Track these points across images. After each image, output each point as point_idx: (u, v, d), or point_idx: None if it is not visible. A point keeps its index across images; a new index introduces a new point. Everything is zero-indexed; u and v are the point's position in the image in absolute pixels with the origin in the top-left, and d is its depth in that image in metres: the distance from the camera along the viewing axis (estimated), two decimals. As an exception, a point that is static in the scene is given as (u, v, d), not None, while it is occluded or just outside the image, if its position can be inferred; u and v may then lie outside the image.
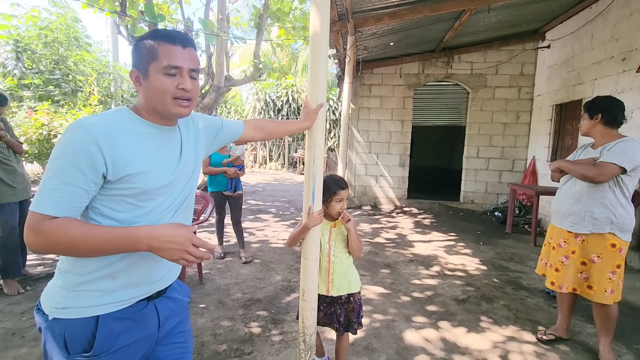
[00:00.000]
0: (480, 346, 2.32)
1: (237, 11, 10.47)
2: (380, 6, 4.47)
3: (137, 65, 0.94)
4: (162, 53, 0.90)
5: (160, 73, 0.91)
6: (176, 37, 0.93)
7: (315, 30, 1.50)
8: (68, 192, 0.82)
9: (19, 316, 2.53)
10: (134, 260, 0.94)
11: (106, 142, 0.84)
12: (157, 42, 0.91)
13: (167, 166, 0.97)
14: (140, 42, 0.93)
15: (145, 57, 0.92)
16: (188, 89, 0.93)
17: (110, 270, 0.92)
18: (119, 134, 0.88)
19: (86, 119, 0.87)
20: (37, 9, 9.86)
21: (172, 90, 0.92)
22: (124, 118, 0.93)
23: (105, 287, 0.92)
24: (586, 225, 2.06)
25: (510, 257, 4.19)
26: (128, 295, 0.95)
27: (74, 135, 0.83)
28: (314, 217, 1.54)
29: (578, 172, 2.06)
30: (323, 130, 1.59)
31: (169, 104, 0.93)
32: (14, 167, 2.94)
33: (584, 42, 4.94)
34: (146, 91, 0.93)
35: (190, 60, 0.94)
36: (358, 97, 6.99)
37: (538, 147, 6.16)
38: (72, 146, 0.82)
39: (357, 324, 1.82)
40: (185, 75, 0.93)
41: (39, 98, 9.06)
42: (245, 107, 17.00)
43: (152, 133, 0.96)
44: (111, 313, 0.92)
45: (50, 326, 0.90)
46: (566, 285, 2.15)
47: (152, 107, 0.95)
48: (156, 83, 0.91)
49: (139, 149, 0.91)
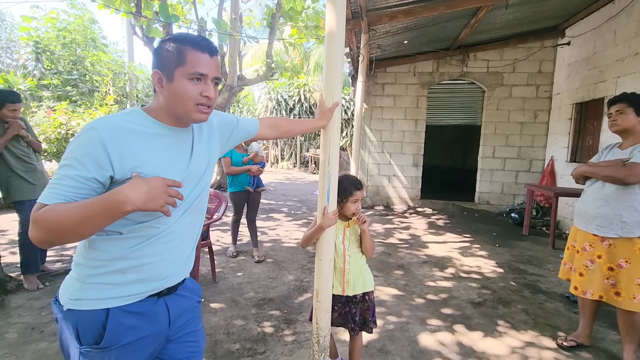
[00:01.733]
0: (498, 351, 2.26)
1: (249, 11, 10.52)
2: (395, 4, 4.41)
3: (161, 68, 0.94)
4: (189, 59, 0.92)
5: (186, 79, 0.92)
6: (205, 45, 0.94)
7: (331, 28, 1.48)
8: (70, 185, 0.83)
9: (39, 311, 2.59)
10: (143, 257, 0.95)
11: (114, 143, 0.86)
12: (186, 48, 0.92)
13: (176, 167, 0.98)
14: (166, 44, 0.93)
15: (171, 60, 0.92)
16: (212, 96, 0.95)
17: (121, 265, 0.93)
18: (129, 135, 0.90)
19: (97, 120, 0.89)
20: (56, 10, 10.11)
21: (195, 96, 0.93)
22: (136, 119, 0.94)
23: (115, 280, 0.93)
24: (614, 228, 1.98)
25: (528, 259, 4.09)
26: (138, 290, 0.96)
27: (83, 136, 0.86)
28: (329, 218, 1.53)
29: (605, 174, 1.98)
30: (338, 129, 1.57)
31: (191, 110, 0.94)
32: (34, 165, 3.01)
33: (606, 39, 4.77)
34: (169, 94, 0.94)
35: (215, 68, 0.96)
36: (371, 96, 6.93)
37: (557, 147, 5.99)
38: (80, 147, 0.85)
39: (373, 322, 1.82)
40: (209, 83, 0.95)
41: (57, 98, 9.28)
42: (257, 106, 17.10)
43: (163, 134, 0.97)
44: (121, 307, 0.94)
45: (65, 316, 0.94)
46: (591, 292, 2.07)
47: (173, 110, 0.96)
48: (181, 88, 0.92)
49: (148, 149, 0.92)
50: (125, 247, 0.93)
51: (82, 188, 0.84)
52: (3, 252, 3.69)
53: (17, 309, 2.62)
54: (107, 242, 0.92)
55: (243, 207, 3.91)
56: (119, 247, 0.93)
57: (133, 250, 0.93)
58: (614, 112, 2.05)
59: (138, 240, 0.94)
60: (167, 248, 0.99)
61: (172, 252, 1.01)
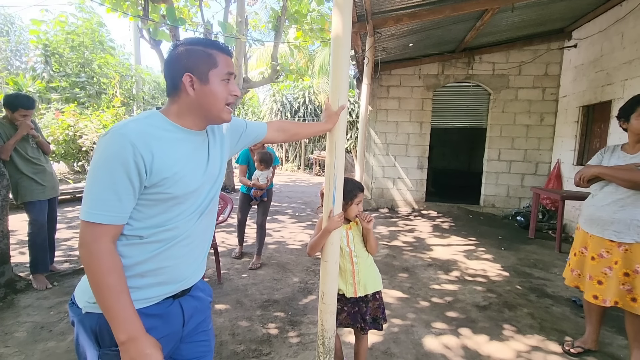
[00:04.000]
0: (503, 355, 2.25)
1: (255, 14, 10.58)
2: (400, 7, 4.42)
3: (192, 70, 0.96)
4: (221, 61, 0.98)
5: (220, 79, 0.98)
6: (227, 49, 1.03)
7: (337, 33, 1.49)
8: (120, 200, 0.86)
9: (47, 311, 2.62)
10: (162, 261, 0.97)
11: (145, 149, 0.88)
12: (214, 51, 0.98)
13: (197, 171, 1.00)
14: (191, 48, 0.97)
15: (204, 63, 0.96)
16: (239, 94, 1.04)
17: (140, 269, 0.95)
18: (156, 140, 0.91)
19: (124, 126, 0.89)
20: (65, 14, 10.27)
21: (227, 96, 1.00)
22: (158, 124, 0.95)
23: (134, 284, 0.94)
24: (631, 234, 1.94)
25: (534, 263, 4.06)
26: (156, 293, 0.98)
27: (116, 143, 0.86)
28: (335, 220, 1.54)
29: (626, 179, 1.92)
30: (344, 132, 1.58)
31: (222, 109, 1.01)
32: (43, 166, 3.06)
33: (613, 41, 4.74)
34: (203, 95, 0.97)
35: (234, 68, 1.06)
36: (376, 98, 6.93)
37: (563, 150, 5.95)
38: (116, 154, 0.85)
39: (383, 319, 1.85)
40: (233, 82, 1.03)
41: (65, 100, 9.42)
42: (262, 108, 17.16)
43: (184, 138, 0.99)
44: (140, 309, 0.94)
45: (82, 320, 0.94)
46: (609, 299, 2.02)
47: (204, 111, 1.00)
48: (217, 88, 0.98)
49: (173, 155, 0.94)
50: (145, 252, 0.94)
51: (128, 199, 0.88)
52: (13, 252, 3.73)
53: (27, 308, 2.65)
54: (127, 247, 0.93)
55: (247, 209, 3.92)
56: (139, 252, 0.94)
57: (153, 254, 0.95)
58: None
59: (158, 245, 0.95)
60: (185, 251, 1.01)
61: (190, 255, 1.03)
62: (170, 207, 0.95)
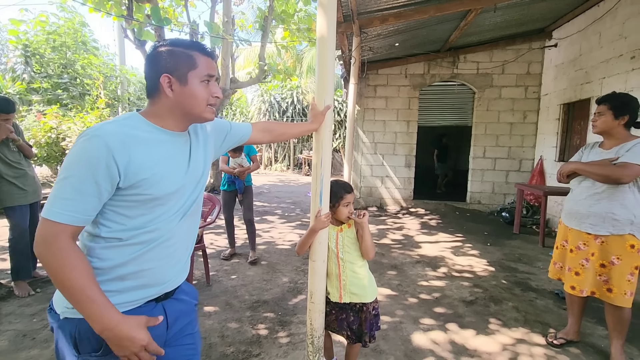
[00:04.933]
0: (490, 348, 2.30)
1: (242, 14, 10.51)
2: (386, 7, 4.46)
3: (171, 72, 0.95)
4: (201, 63, 0.98)
5: (199, 81, 0.98)
6: (209, 50, 1.02)
7: (322, 33, 1.50)
8: (83, 202, 0.84)
9: (30, 318, 2.56)
10: (143, 263, 0.95)
11: (121, 151, 0.86)
12: (195, 52, 0.98)
13: (177, 172, 0.99)
14: (171, 49, 0.96)
15: (183, 64, 0.96)
16: (220, 96, 1.04)
17: (120, 272, 0.93)
18: (133, 142, 0.90)
19: (101, 127, 0.87)
20: (46, 13, 10.01)
21: (208, 97, 1.00)
22: (137, 125, 0.94)
23: (115, 287, 0.93)
24: (606, 226, 2.01)
25: (518, 258, 4.15)
26: (137, 296, 0.96)
27: (90, 144, 0.84)
28: (321, 220, 1.54)
29: (600, 173, 1.99)
30: (330, 132, 1.59)
31: (204, 110, 1.00)
32: (24, 170, 2.98)
33: (591, 41, 4.88)
34: (183, 97, 0.97)
35: (216, 70, 1.06)
36: (363, 98, 6.98)
37: (545, 147, 6.10)
38: (87, 156, 0.84)
39: (370, 336, 1.72)
40: (215, 84, 1.02)
41: (47, 102, 9.18)
42: (250, 108, 17.06)
43: (164, 139, 0.98)
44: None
45: (61, 326, 0.93)
46: (586, 289, 2.10)
47: (185, 112, 1.00)
48: (196, 90, 0.98)
49: (152, 156, 0.92)
50: (125, 254, 0.93)
51: (93, 201, 0.86)
52: (-7, 258, 3.64)
53: (8, 316, 2.59)
54: (106, 250, 0.92)
55: (232, 207, 3.92)
56: (119, 254, 0.92)
57: (133, 256, 0.93)
58: (595, 114, 2.11)
59: (138, 247, 0.94)
60: (167, 253, 1.00)
61: (171, 257, 1.02)
62: (151, 208, 0.94)
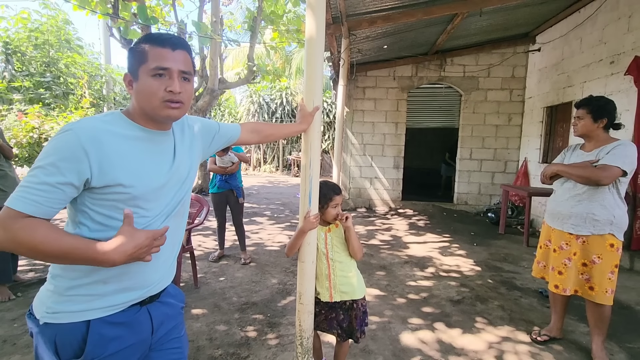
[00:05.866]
0: (476, 347, 2.34)
1: (230, 14, 10.47)
2: (374, 9, 4.50)
3: (129, 69, 0.94)
4: (151, 56, 0.90)
5: (149, 75, 0.90)
6: (165, 39, 0.92)
7: (310, 34, 1.51)
8: (45, 191, 0.81)
9: (10, 323, 2.49)
10: (126, 266, 0.92)
11: (93, 146, 0.84)
12: (147, 45, 0.91)
13: (157, 171, 0.96)
14: (134, 46, 0.94)
15: (136, 60, 0.92)
16: (176, 91, 0.92)
17: (102, 275, 0.91)
18: (108, 138, 0.88)
19: (76, 123, 0.86)
20: (27, 10, 9.75)
21: (160, 93, 0.91)
22: (116, 122, 0.93)
23: (96, 291, 0.91)
24: (587, 226, 2.06)
25: (504, 257, 4.23)
26: (120, 300, 0.94)
27: (61, 139, 0.83)
28: (310, 221, 1.54)
29: (581, 175, 2.04)
30: (319, 133, 1.60)
31: (158, 107, 0.92)
32: (4, 171, 2.91)
33: (573, 46, 5.03)
34: (136, 94, 0.93)
35: (182, 62, 0.93)
36: (352, 99, 7.02)
37: (530, 149, 6.24)
38: (57, 149, 0.82)
39: (360, 332, 1.76)
40: (174, 78, 0.92)
41: (29, 101, 8.93)
42: (239, 109, 16.96)
43: (143, 137, 0.95)
44: (103, 318, 0.91)
45: (41, 331, 0.90)
46: (569, 288, 2.15)
47: (143, 110, 0.94)
48: (145, 85, 0.91)
49: (127, 153, 0.90)
50: None
51: (56, 193, 0.82)
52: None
53: (-13, 321, 2.51)
54: None
55: (224, 210, 3.89)
56: None
57: None
58: (575, 118, 2.17)
59: None
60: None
61: (156, 259, 0.98)
62: (132, 208, 0.91)
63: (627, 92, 3.94)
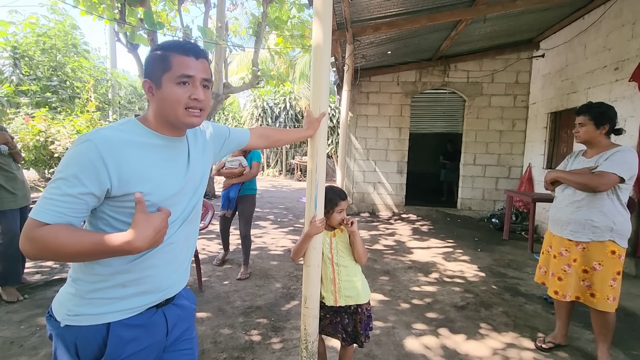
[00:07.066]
0: (480, 353, 2.33)
1: (235, 19, 10.56)
2: (379, 16, 4.54)
3: (149, 76, 0.95)
4: (175, 63, 0.92)
5: (173, 83, 0.92)
6: (189, 48, 0.94)
7: (317, 41, 1.53)
8: (68, 202, 0.82)
9: (17, 325, 2.51)
10: (144, 270, 0.96)
11: (112, 156, 0.85)
12: (170, 53, 0.93)
13: (174, 177, 0.98)
14: (153, 53, 0.95)
15: (158, 67, 0.93)
16: (200, 98, 0.94)
17: (122, 279, 0.93)
18: (127, 147, 0.89)
19: (94, 132, 0.88)
20: (36, 15, 9.91)
21: (184, 100, 0.93)
22: (132, 130, 0.94)
23: (116, 294, 0.93)
24: (586, 233, 2.06)
25: (508, 263, 4.22)
26: (139, 303, 0.96)
27: (81, 149, 0.85)
28: (316, 225, 1.56)
29: (578, 182, 2.05)
30: (325, 138, 1.62)
31: (181, 115, 0.94)
32: (14, 174, 2.94)
33: (577, 52, 5.04)
34: (159, 101, 0.94)
35: (203, 70, 0.95)
36: (356, 104, 7.05)
37: (534, 155, 6.23)
38: (77, 160, 0.84)
39: (365, 336, 1.77)
40: (197, 86, 0.94)
41: (36, 104, 9.05)
42: (242, 114, 17.05)
43: (160, 144, 0.97)
44: (122, 320, 0.93)
45: (61, 333, 0.92)
46: (569, 294, 2.15)
47: (165, 117, 0.95)
48: (169, 93, 0.92)
49: (145, 161, 0.92)
50: (127, 261, 0.92)
51: (79, 203, 0.84)
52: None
53: (-5, 322, 2.53)
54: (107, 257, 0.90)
55: (229, 222, 3.83)
56: (121, 261, 0.92)
57: (134, 263, 0.93)
58: (577, 125, 2.18)
59: (139, 253, 0.92)
60: (168, 259, 1.00)
61: (172, 263, 1.02)
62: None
63: (632, 99, 3.94)
